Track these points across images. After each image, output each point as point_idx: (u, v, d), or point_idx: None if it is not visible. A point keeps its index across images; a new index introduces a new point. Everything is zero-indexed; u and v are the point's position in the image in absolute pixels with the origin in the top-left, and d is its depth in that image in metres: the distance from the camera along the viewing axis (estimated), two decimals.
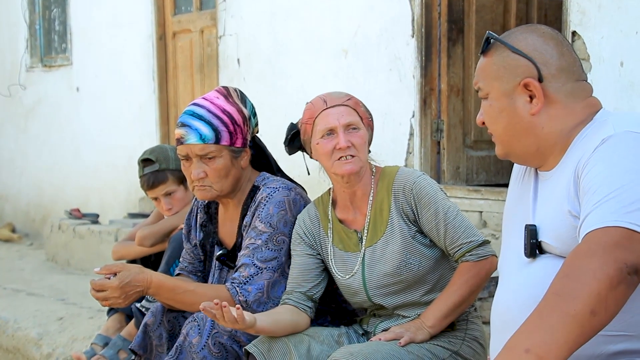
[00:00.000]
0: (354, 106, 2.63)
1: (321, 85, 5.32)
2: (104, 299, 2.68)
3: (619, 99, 3.77)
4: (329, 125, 2.58)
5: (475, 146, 4.98)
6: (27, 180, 8.65)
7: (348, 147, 2.57)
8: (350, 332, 2.72)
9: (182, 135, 2.77)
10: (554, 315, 1.57)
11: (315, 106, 2.64)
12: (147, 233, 3.58)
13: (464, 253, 2.56)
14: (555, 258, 1.82)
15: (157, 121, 6.95)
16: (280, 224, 2.76)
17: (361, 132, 2.61)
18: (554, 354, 1.56)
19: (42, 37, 8.36)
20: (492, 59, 1.91)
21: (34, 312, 4.82)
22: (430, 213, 2.58)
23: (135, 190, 7.18)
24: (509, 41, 1.89)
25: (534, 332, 1.58)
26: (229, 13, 6.17)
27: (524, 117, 1.87)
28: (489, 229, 4.52)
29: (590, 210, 1.66)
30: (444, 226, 2.56)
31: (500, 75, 1.89)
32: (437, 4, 4.80)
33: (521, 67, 1.87)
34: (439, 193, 2.61)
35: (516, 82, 1.87)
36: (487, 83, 1.92)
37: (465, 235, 2.57)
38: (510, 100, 1.88)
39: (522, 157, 1.95)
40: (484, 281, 2.59)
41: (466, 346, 2.62)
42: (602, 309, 1.57)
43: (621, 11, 3.79)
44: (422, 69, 4.80)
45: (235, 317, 2.34)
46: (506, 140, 1.93)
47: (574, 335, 1.57)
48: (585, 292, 1.56)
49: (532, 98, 1.87)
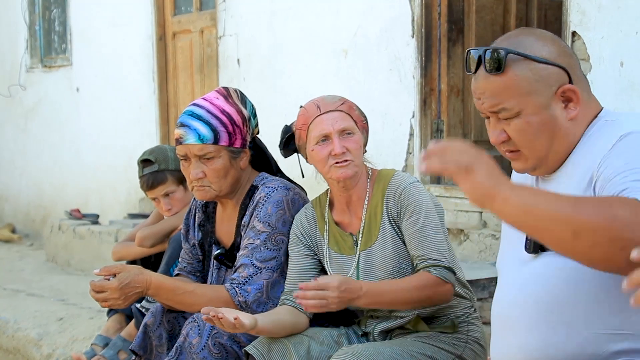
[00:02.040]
0: (347, 110, 2.61)
1: (321, 85, 5.31)
2: (104, 300, 2.68)
3: (619, 99, 3.76)
4: (324, 132, 2.57)
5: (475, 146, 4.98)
6: (27, 181, 8.65)
7: (343, 153, 2.55)
8: (349, 333, 2.72)
9: (181, 135, 2.78)
10: (554, 203, 1.56)
11: (309, 112, 2.62)
12: (147, 234, 3.58)
13: (428, 265, 2.51)
14: (557, 256, 1.79)
15: (157, 121, 6.95)
16: (279, 224, 2.76)
17: (356, 136, 2.60)
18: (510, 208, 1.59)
19: (42, 38, 8.35)
20: (517, 75, 1.82)
21: (34, 312, 4.82)
22: (410, 221, 2.55)
23: (135, 190, 7.18)
24: (526, 52, 1.82)
25: (524, 191, 1.62)
26: (228, 13, 6.17)
27: (563, 125, 1.84)
28: (489, 229, 4.52)
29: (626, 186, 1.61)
30: (420, 237, 2.53)
31: (534, 88, 1.82)
32: (437, 4, 4.80)
33: (553, 76, 1.82)
34: (427, 205, 2.56)
35: (552, 92, 1.82)
36: (519, 100, 1.83)
37: (437, 253, 2.51)
38: (549, 111, 1.83)
39: (549, 165, 1.89)
40: (431, 301, 2.52)
41: (469, 349, 2.62)
42: (585, 241, 1.52)
43: (621, 11, 3.79)
44: (422, 69, 4.80)
45: (234, 324, 2.36)
46: (543, 153, 1.87)
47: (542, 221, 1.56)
48: (589, 217, 1.51)
49: (566, 103, 1.84)
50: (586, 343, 1.74)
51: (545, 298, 1.78)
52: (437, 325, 2.64)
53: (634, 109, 3.69)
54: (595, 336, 1.74)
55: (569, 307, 1.76)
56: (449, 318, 2.64)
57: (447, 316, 2.64)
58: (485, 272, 3.96)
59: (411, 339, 2.59)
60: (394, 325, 2.65)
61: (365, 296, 2.45)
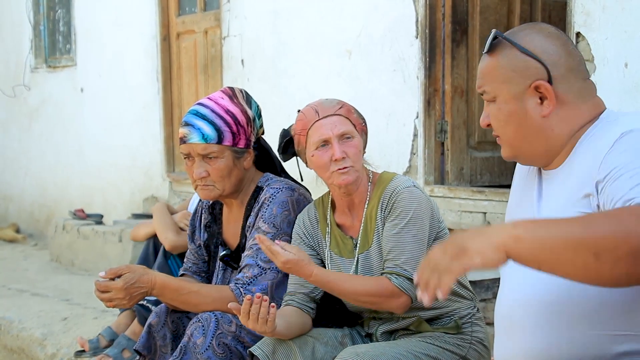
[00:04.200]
0: (346, 114, 2.59)
1: (325, 85, 5.32)
2: (109, 299, 2.69)
3: (624, 100, 3.76)
4: (323, 137, 2.55)
5: (479, 147, 4.98)
6: (31, 181, 8.67)
7: (343, 159, 2.54)
8: (353, 333, 2.72)
9: (185, 134, 2.78)
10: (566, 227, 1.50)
11: (308, 117, 2.60)
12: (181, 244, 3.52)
13: (391, 272, 2.49)
14: None
15: (161, 122, 6.95)
16: (284, 225, 2.76)
17: (355, 140, 2.58)
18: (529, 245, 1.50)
19: (47, 38, 8.36)
20: (499, 61, 1.86)
21: (38, 312, 4.82)
22: (392, 224, 2.53)
23: (139, 190, 7.19)
24: (516, 41, 1.85)
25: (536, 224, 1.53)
26: (233, 14, 6.17)
27: (534, 120, 1.85)
28: None
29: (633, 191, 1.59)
30: (393, 240, 2.51)
31: (509, 78, 1.85)
32: (441, 5, 4.80)
33: (531, 69, 1.83)
34: (416, 211, 2.52)
35: (526, 85, 1.83)
36: (495, 86, 1.87)
37: (406, 262, 2.48)
38: (521, 103, 1.85)
39: (529, 158, 1.93)
40: (377, 307, 2.51)
41: (473, 350, 2.62)
42: (607, 261, 1.47)
43: (625, 12, 3.78)
44: (426, 69, 4.80)
45: (268, 317, 2.33)
46: (516, 143, 1.90)
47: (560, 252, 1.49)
48: (606, 236, 1.48)
49: (543, 100, 1.84)
50: (590, 344, 1.74)
51: (549, 299, 1.77)
52: (441, 326, 2.63)
53: (638, 110, 3.69)
54: (598, 337, 1.73)
55: (572, 308, 1.75)
56: (452, 319, 2.64)
57: (451, 317, 2.64)
58: (488, 272, 3.95)
59: (415, 340, 2.59)
60: (397, 326, 2.65)
61: (313, 282, 2.47)
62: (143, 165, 7.15)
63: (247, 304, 2.34)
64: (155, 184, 7.03)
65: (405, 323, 2.63)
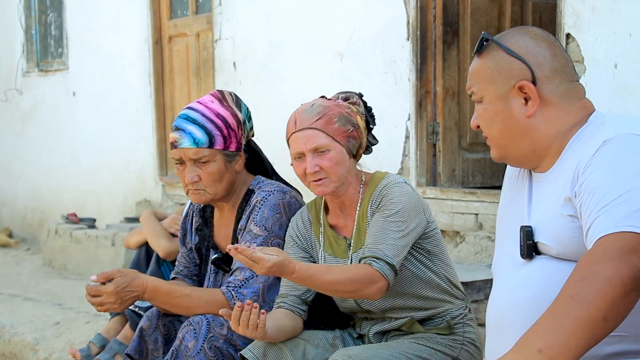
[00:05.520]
0: (322, 127, 2.56)
1: (317, 88, 5.30)
2: (100, 304, 2.68)
3: (613, 101, 3.77)
4: (297, 150, 2.58)
5: (470, 148, 4.99)
6: (24, 185, 8.65)
7: (315, 172, 2.55)
8: (345, 335, 2.72)
9: (175, 139, 2.78)
10: (568, 318, 1.57)
11: (289, 126, 2.63)
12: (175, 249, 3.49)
13: (372, 256, 2.46)
14: (551, 259, 1.82)
15: (154, 125, 6.95)
16: (276, 227, 2.76)
17: (331, 153, 2.55)
18: (565, 357, 1.57)
19: (39, 42, 8.35)
20: (486, 62, 1.90)
21: (30, 317, 4.82)
22: (376, 217, 2.53)
23: (132, 194, 7.18)
24: (503, 42, 1.89)
25: (548, 333, 1.58)
26: (224, 17, 6.17)
27: (519, 120, 1.87)
28: (485, 231, 4.53)
29: (599, 213, 1.65)
30: (377, 226, 2.50)
31: (495, 78, 1.89)
32: (432, 7, 4.80)
33: (515, 70, 1.87)
34: (404, 206, 2.52)
35: (511, 85, 1.87)
36: (481, 87, 1.91)
37: (387, 247, 2.46)
38: (506, 103, 1.88)
39: (517, 160, 1.94)
40: (356, 294, 2.45)
41: (465, 350, 2.63)
42: (614, 315, 1.57)
43: (615, 13, 3.79)
44: (417, 71, 4.81)
45: (258, 322, 2.33)
46: (502, 143, 1.92)
47: (585, 340, 1.57)
48: (600, 298, 1.56)
49: (527, 100, 1.87)
50: None
51: (539, 301, 1.78)
52: (433, 326, 2.64)
53: (628, 111, 3.70)
54: None
55: None
56: (444, 319, 2.64)
57: (443, 317, 2.65)
58: (481, 273, 3.96)
59: (407, 341, 2.59)
60: (389, 327, 2.65)
61: (296, 279, 2.39)
62: (136, 168, 7.14)
63: (238, 311, 2.33)
64: (148, 188, 7.02)
65: (398, 324, 2.63)
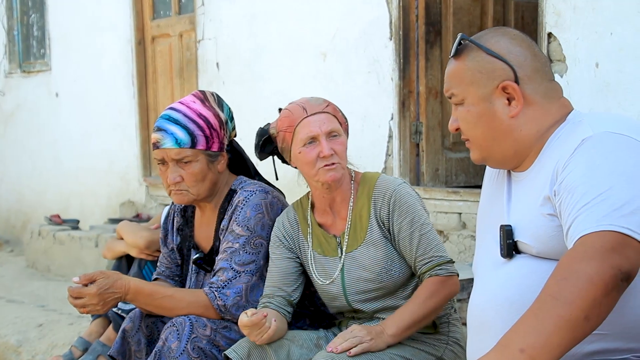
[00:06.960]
0: (333, 112, 2.63)
1: (300, 88, 5.32)
2: (82, 305, 2.67)
3: (595, 100, 3.79)
4: (311, 134, 2.57)
5: (454, 148, 5.00)
6: (7, 187, 8.60)
7: (331, 155, 2.56)
8: (329, 335, 2.72)
9: (158, 139, 2.77)
10: (550, 318, 1.58)
11: (295, 114, 2.61)
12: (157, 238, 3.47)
13: (433, 266, 2.54)
14: (531, 258, 1.82)
15: (137, 126, 6.93)
16: (258, 227, 2.76)
17: (342, 138, 2.62)
18: (547, 356, 1.58)
19: (21, 43, 8.31)
20: (466, 64, 1.89)
21: (13, 319, 4.79)
22: (406, 222, 2.57)
23: (116, 195, 7.16)
24: (482, 43, 1.88)
25: (529, 333, 1.59)
26: (207, 17, 6.17)
27: (503, 121, 1.87)
28: (469, 230, 4.54)
29: (579, 212, 1.66)
30: (418, 236, 2.56)
31: (477, 79, 1.88)
32: (415, 7, 4.82)
33: (498, 70, 1.86)
34: (418, 204, 2.61)
35: (494, 86, 1.86)
36: (463, 89, 1.90)
37: (437, 249, 2.57)
38: (489, 104, 1.87)
39: (499, 161, 1.94)
40: (447, 299, 2.56)
41: (449, 350, 2.63)
42: (595, 314, 1.58)
43: (596, 12, 3.81)
44: (400, 71, 4.82)
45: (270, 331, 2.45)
46: (485, 144, 1.92)
47: (566, 339, 1.58)
48: (581, 297, 1.57)
49: (511, 101, 1.86)
50: None
51: (520, 300, 1.79)
52: None
53: (609, 110, 3.72)
54: None
55: None
56: None
57: None
58: (464, 272, 3.96)
59: None
60: None
61: (390, 337, 2.50)
62: (120, 169, 7.11)
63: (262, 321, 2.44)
64: (132, 189, 7.00)
65: None
